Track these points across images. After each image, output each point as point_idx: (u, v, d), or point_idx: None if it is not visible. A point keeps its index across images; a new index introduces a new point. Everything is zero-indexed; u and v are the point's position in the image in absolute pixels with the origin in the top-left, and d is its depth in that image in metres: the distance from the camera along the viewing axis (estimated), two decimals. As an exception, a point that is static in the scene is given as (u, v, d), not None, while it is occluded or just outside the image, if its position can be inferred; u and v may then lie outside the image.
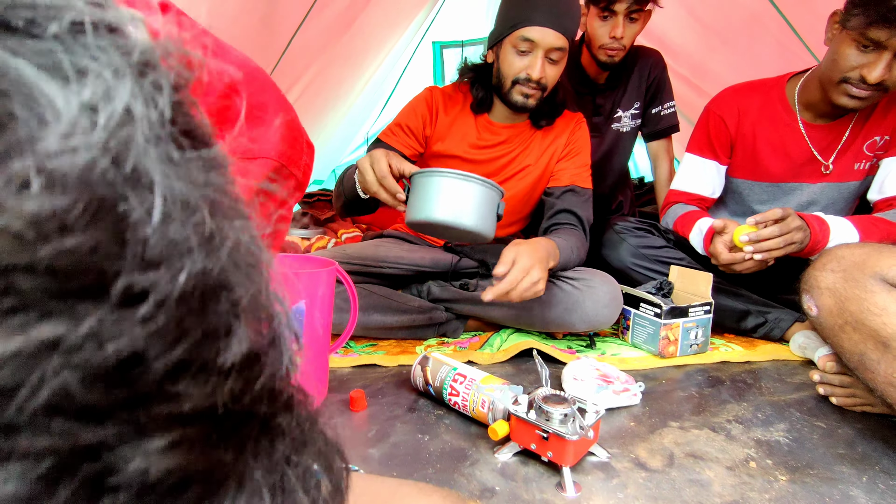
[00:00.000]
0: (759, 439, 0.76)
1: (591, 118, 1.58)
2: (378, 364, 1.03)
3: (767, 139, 1.23)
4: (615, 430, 0.79)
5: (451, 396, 0.81)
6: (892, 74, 1.00)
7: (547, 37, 1.05)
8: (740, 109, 1.24)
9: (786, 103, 1.21)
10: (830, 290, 0.82)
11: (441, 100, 1.24)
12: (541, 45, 1.06)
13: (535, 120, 1.23)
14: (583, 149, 1.26)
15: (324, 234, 1.79)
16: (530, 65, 1.08)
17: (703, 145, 1.30)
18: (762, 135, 1.23)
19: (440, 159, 1.24)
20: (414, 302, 1.17)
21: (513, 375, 0.99)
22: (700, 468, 0.69)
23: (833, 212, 1.23)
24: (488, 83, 1.20)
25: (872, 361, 0.77)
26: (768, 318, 1.16)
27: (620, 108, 1.59)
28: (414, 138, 1.23)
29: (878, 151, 1.16)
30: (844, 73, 1.04)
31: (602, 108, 1.58)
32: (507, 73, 1.11)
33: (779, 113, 1.22)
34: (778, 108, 1.22)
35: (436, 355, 0.88)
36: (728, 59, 2.02)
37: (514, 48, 1.08)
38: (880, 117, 1.14)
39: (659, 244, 1.26)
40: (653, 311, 1.08)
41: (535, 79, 1.08)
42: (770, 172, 1.24)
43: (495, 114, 1.23)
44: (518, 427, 0.69)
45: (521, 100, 1.12)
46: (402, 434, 0.76)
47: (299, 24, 2.20)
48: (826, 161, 1.18)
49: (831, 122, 1.18)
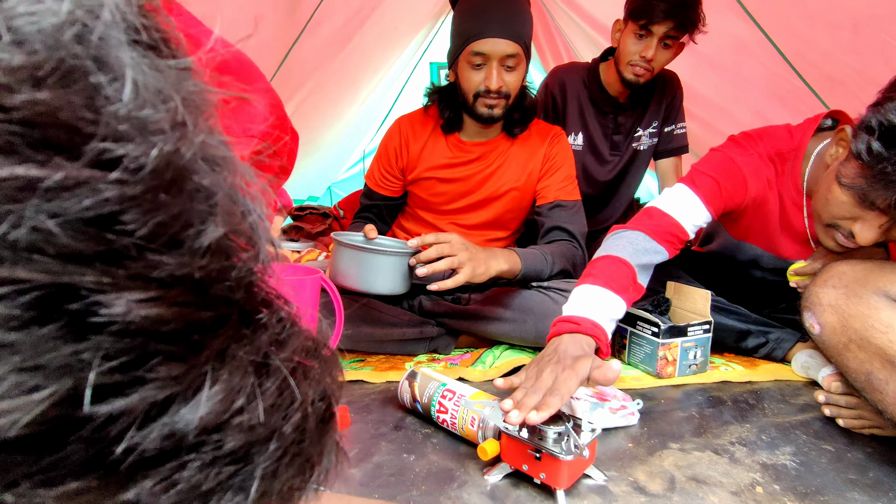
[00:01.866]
0: (765, 462, 0.72)
1: (612, 136, 1.57)
2: (365, 380, 0.99)
3: (777, 213, 1.05)
4: (612, 452, 0.74)
5: (439, 413, 0.76)
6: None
7: (498, 46, 1.06)
8: (759, 177, 1.02)
9: (797, 181, 1.01)
10: (833, 307, 0.79)
11: (409, 129, 1.25)
12: (493, 56, 1.07)
13: (509, 129, 1.23)
14: (564, 161, 1.25)
15: (314, 247, 1.76)
16: (487, 77, 1.09)
17: (707, 192, 1.01)
18: (775, 208, 1.05)
19: (418, 183, 1.25)
20: (404, 315, 1.13)
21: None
22: (703, 493, 0.64)
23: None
24: (455, 102, 1.20)
25: (880, 381, 0.73)
26: (770, 338, 1.13)
27: (641, 127, 1.57)
28: (391, 176, 1.27)
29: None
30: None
31: (623, 127, 1.56)
32: (467, 88, 1.13)
33: (791, 190, 1.02)
34: (791, 184, 1.02)
35: (424, 370, 0.84)
36: (716, 82, 2.04)
37: (469, 64, 1.10)
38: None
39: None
40: (650, 331, 1.04)
41: (493, 89, 1.09)
42: (782, 248, 1.09)
43: (466, 132, 1.23)
44: (509, 446, 0.65)
45: (486, 111, 1.13)
46: (386, 453, 0.72)
47: (294, 40, 2.22)
48: (813, 237, 1.01)
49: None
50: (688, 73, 2.12)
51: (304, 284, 0.74)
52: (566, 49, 2.96)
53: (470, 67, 1.10)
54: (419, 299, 1.20)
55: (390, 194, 1.29)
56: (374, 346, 1.11)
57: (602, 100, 1.52)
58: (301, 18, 2.18)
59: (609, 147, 1.58)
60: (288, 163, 0.48)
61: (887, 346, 0.72)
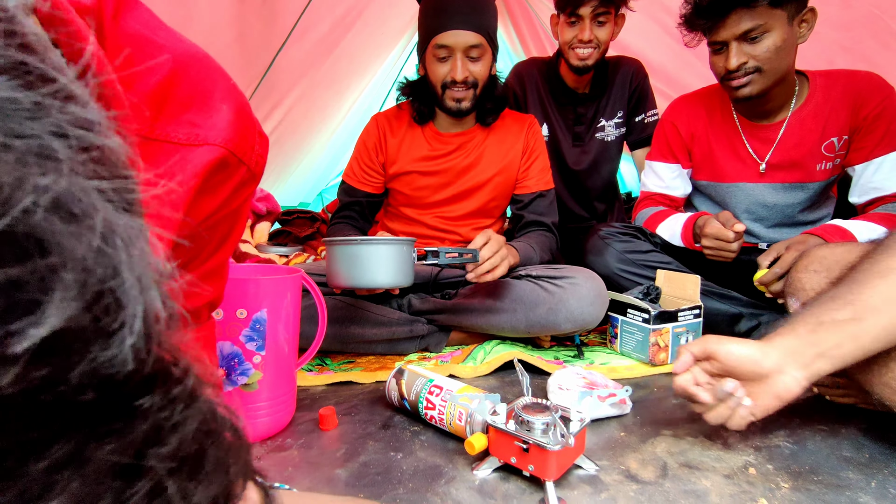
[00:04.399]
0: (758, 445, 0.71)
1: (574, 128, 1.59)
2: (354, 381, 0.97)
3: (718, 141, 1.25)
4: (604, 441, 0.73)
5: (427, 410, 0.75)
6: (743, 55, 1.06)
7: (460, 38, 1.08)
8: (689, 116, 1.29)
9: (727, 104, 1.25)
10: (816, 292, 0.78)
11: (386, 124, 1.26)
12: (457, 47, 1.09)
13: (482, 118, 1.24)
14: (541, 151, 1.29)
15: (303, 251, 1.74)
16: (452, 69, 1.11)
17: (664, 151, 1.34)
18: (714, 137, 1.26)
19: (399, 178, 1.25)
20: (394, 314, 1.11)
21: (497, 389, 0.93)
22: (696, 478, 0.63)
23: (810, 212, 1.21)
24: (427, 94, 1.21)
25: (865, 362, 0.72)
26: (762, 320, 1.12)
27: (603, 118, 1.59)
28: (372, 171, 1.26)
29: (840, 152, 1.15)
30: (720, 75, 1.12)
31: (584, 118, 1.58)
32: (434, 81, 1.15)
33: (722, 114, 1.25)
34: (722, 110, 1.25)
35: (412, 367, 0.82)
36: (702, 72, 2.04)
37: (434, 57, 1.12)
38: (835, 118, 1.12)
39: (645, 248, 1.22)
40: (641, 317, 1.03)
41: (459, 80, 1.11)
42: (725, 173, 1.26)
43: (440, 123, 1.24)
44: (497, 439, 0.64)
45: (454, 105, 1.14)
46: (373, 452, 0.70)
47: (279, 47, 2.21)
48: (762, 160, 1.20)
49: (765, 122, 1.19)
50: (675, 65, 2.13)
51: (283, 284, 0.72)
52: (549, 42, 2.97)
53: (436, 60, 1.12)
54: (408, 298, 1.19)
55: (372, 190, 1.29)
56: (363, 347, 1.10)
57: (560, 91, 1.55)
58: (286, 25, 2.17)
59: (572, 138, 1.60)
60: (257, 169, 0.46)
61: None
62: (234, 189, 0.44)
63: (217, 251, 0.42)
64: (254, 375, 0.70)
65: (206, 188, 0.39)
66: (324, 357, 1.12)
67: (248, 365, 0.69)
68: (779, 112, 1.17)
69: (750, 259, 1.16)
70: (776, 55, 1.04)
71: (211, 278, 0.43)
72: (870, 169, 1.11)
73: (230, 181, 0.44)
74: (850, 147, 1.14)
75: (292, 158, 3.10)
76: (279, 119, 2.62)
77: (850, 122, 1.11)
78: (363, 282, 0.89)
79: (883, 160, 1.09)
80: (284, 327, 0.73)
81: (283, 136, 2.74)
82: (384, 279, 0.89)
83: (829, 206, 1.25)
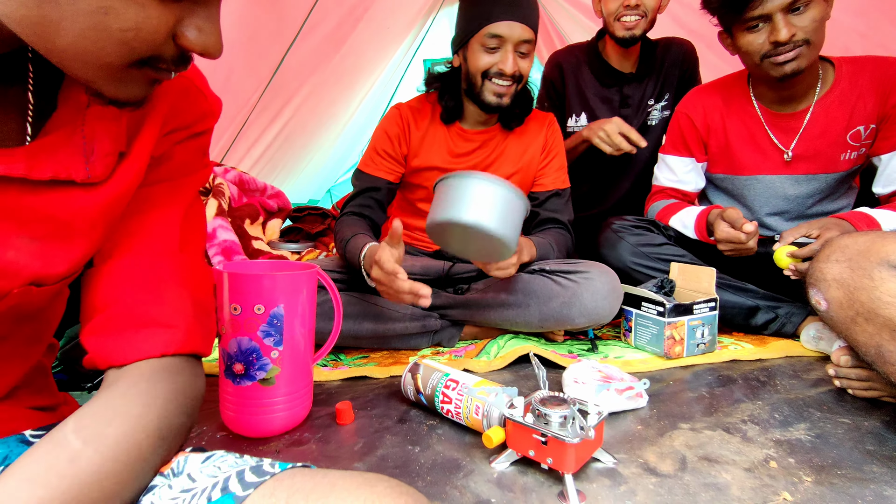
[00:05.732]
0: (779, 439, 0.70)
1: (620, 110, 1.50)
2: (369, 376, 0.98)
3: (737, 133, 1.22)
4: (621, 435, 0.73)
5: (443, 404, 0.75)
6: (792, 27, 1.01)
7: (515, 30, 1.05)
8: (705, 107, 1.25)
9: (747, 94, 1.20)
10: (838, 282, 0.77)
11: (410, 115, 1.21)
12: (510, 39, 1.06)
13: (506, 122, 1.21)
14: (560, 150, 1.27)
15: (314, 247, 1.75)
16: (502, 60, 1.07)
17: (678, 145, 1.30)
18: (732, 129, 1.22)
19: (419, 173, 1.22)
20: (406, 309, 1.12)
21: (511, 383, 0.93)
22: (716, 471, 0.63)
23: (829, 202, 1.19)
24: (457, 90, 1.18)
25: (891, 353, 0.71)
26: (779, 312, 1.11)
27: (652, 99, 1.50)
28: (393, 161, 1.21)
29: (866, 141, 1.12)
30: (762, 53, 1.05)
31: (630, 100, 1.49)
32: (475, 69, 1.10)
33: (742, 105, 1.21)
34: (741, 100, 1.21)
35: (427, 362, 0.82)
36: (713, 62, 2.01)
37: (482, 46, 1.08)
38: (862, 107, 1.10)
39: (658, 241, 1.21)
40: (655, 310, 1.02)
41: (508, 73, 1.07)
42: (744, 165, 1.23)
43: (467, 121, 1.22)
44: (514, 432, 0.64)
45: (494, 99, 1.11)
46: (390, 446, 0.70)
47: (289, 44, 2.21)
48: (787, 149, 1.17)
49: (789, 111, 1.16)
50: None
51: (298, 279, 0.72)
52: (559, 38, 2.94)
53: (482, 49, 1.08)
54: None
55: (393, 179, 1.22)
56: (377, 343, 1.10)
57: (604, 72, 1.47)
58: (295, 23, 2.18)
59: None
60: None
61: (895, 316, 0.70)
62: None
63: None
64: (272, 370, 0.71)
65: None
66: (338, 352, 1.12)
67: (266, 360, 0.70)
68: (803, 99, 1.13)
69: (767, 251, 1.15)
70: (821, 27, 1.01)
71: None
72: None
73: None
74: (878, 136, 1.11)
75: (302, 156, 3.11)
76: (289, 117, 2.63)
77: (878, 110, 1.08)
78: (476, 220, 0.82)
79: None
80: (301, 322, 0.73)
81: (293, 134, 2.75)
82: (499, 228, 0.83)
83: (851, 196, 1.22)
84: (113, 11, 0.30)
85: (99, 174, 0.39)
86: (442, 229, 0.87)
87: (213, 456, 0.41)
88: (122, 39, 0.31)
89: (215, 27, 0.35)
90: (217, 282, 0.71)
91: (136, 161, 0.43)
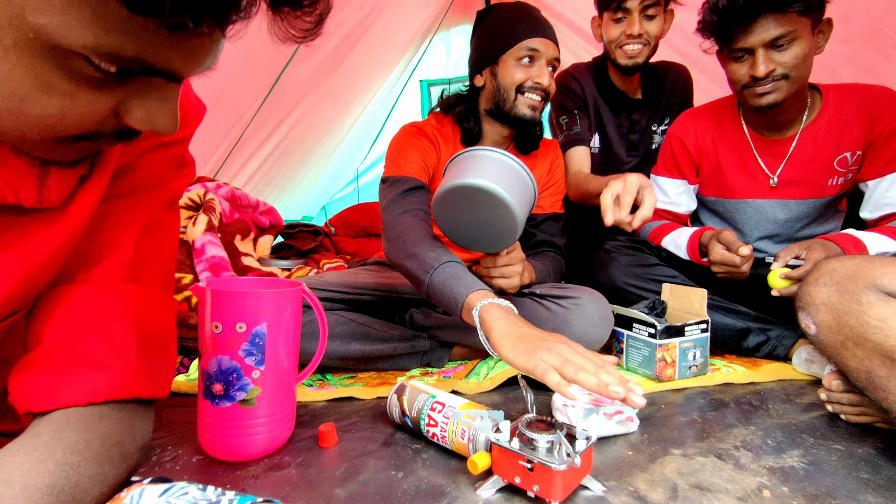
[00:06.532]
0: (772, 466, 0.69)
1: (629, 136, 1.50)
2: (355, 397, 0.95)
3: (728, 157, 1.23)
4: (611, 461, 0.71)
5: (429, 427, 0.73)
6: (771, 63, 1.03)
7: (549, 47, 1.10)
8: (697, 131, 1.27)
9: (737, 119, 1.23)
10: (826, 306, 0.76)
11: (436, 134, 1.18)
12: (544, 54, 1.10)
13: (523, 144, 1.22)
14: (561, 177, 1.29)
15: (305, 264, 1.73)
16: (538, 73, 1.10)
17: (670, 167, 1.31)
18: (723, 153, 1.24)
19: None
20: (395, 330, 1.10)
21: (500, 405, 0.92)
22: (708, 500, 0.61)
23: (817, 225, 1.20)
24: (476, 112, 1.19)
25: (881, 378, 0.70)
26: (770, 335, 1.10)
27: (656, 124, 1.51)
28: (427, 167, 1.12)
29: (853, 167, 1.13)
30: (742, 83, 1.08)
31: (638, 125, 1.50)
32: (509, 84, 1.11)
33: (732, 129, 1.23)
34: (732, 124, 1.23)
35: (413, 383, 0.80)
36: (704, 85, 2.05)
37: (517, 61, 1.10)
38: (849, 134, 1.11)
39: (650, 262, 1.21)
40: (647, 332, 1.01)
41: (545, 85, 1.11)
42: (734, 189, 1.24)
43: (485, 143, 1.22)
44: (500, 458, 0.62)
45: (529, 112, 1.12)
46: (373, 471, 0.68)
47: (287, 62, 2.23)
48: (773, 174, 1.19)
49: (777, 136, 1.17)
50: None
51: (285, 297, 0.71)
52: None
53: (517, 65, 1.10)
54: (410, 312, 1.18)
55: (423, 179, 1.10)
56: (365, 364, 1.08)
57: (614, 97, 1.47)
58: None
59: (626, 147, 1.51)
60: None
61: (884, 341, 0.69)
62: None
63: None
64: (252, 391, 0.68)
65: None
66: (325, 372, 1.10)
67: (247, 380, 0.68)
68: (791, 126, 1.15)
69: (757, 273, 1.15)
70: (803, 63, 1.03)
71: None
72: (883, 184, 1.09)
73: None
74: (864, 162, 1.12)
75: (297, 173, 3.12)
76: (284, 133, 2.64)
77: (865, 138, 1.10)
78: (494, 186, 0.82)
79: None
80: (284, 342, 0.71)
81: (287, 150, 2.76)
82: (514, 200, 0.84)
83: (838, 219, 1.23)
84: (30, 99, 0.27)
85: (54, 199, 0.35)
86: (452, 200, 0.86)
87: (173, 488, 0.38)
88: (44, 124, 0.28)
89: (169, 107, 0.32)
90: (199, 298, 0.69)
91: (99, 183, 0.39)
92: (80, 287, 0.41)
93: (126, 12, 0.26)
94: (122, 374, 0.41)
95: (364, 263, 1.36)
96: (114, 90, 0.30)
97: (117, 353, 0.41)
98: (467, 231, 0.93)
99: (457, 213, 0.89)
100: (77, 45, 0.26)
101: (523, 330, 0.70)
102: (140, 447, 0.43)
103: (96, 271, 0.42)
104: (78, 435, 0.37)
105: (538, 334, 0.69)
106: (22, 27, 0.25)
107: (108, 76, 0.28)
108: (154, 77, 0.30)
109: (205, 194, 1.68)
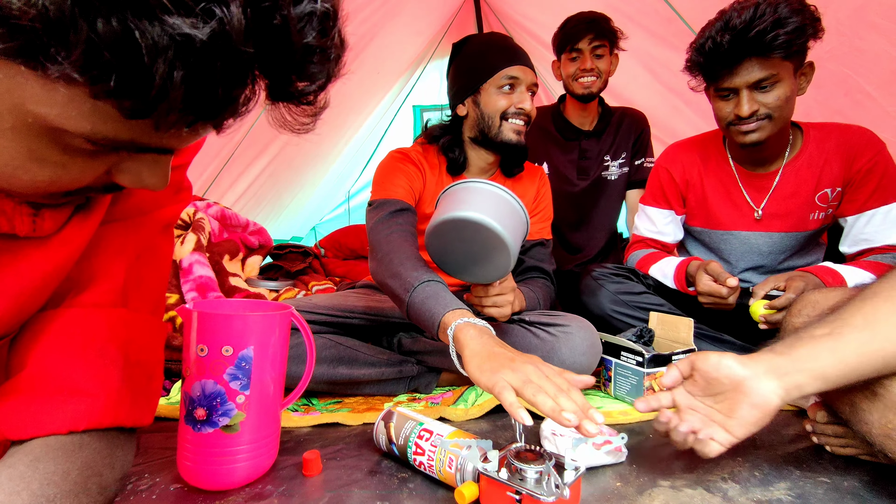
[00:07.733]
0: (759, 499, 0.68)
1: (579, 161, 1.70)
2: (341, 423, 0.94)
3: (714, 189, 1.28)
4: (599, 492, 0.70)
5: (415, 456, 0.72)
6: (755, 103, 1.07)
7: (528, 74, 1.15)
8: (684, 163, 1.32)
9: (723, 152, 1.28)
10: None
11: (422, 160, 1.20)
12: (524, 80, 1.14)
13: (508, 168, 1.24)
14: (549, 202, 1.32)
15: (293, 286, 1.72)
16: (520, 99, 1.14)
17: (658, 197, 1.36)
18: (709, 185, 1.28)
19: (426, 220, 1.21)
20: (383, 355, 1.09)
21: (489, 433, 0.90)
22: (696, 534, 0.60)
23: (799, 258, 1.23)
24: (461, 141, 1.22)
25: (864, 412, 0.71)
26: (755, 365, 1.11)
27: (609, 156, 1.71)
28: (413, 191, 1.14)
29: (833, 202, 1.18)
30: (727, 120, 1.12)
31: (588, 153, 1.69)
32: (492, 111, 1.15)
33: (718, 162, 1.28)
34: (718, 157, 1.28)
35: (401, 410, 0.79)
36: (691, 119, 2.12)
37: (498, 89, 1.14)
38: (829, 170, 1.16)
39: (638, 290, 1.22)
40: (635, 360, 1.02)
41: (527, 110, 1.14)
42: (720, 220, 1.28)
43: (471, 170, 1.25)
44: (488, 489, 0.61)
45: (515, 137, 1.16)
46: (358, 501, 0.66)
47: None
48: (758, 207, 1.22)
49: (761, 171, 1.22)
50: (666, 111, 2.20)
51: (273, 321, 0.70)
52: (545, 92, 3.07)
53: (499, 93, 1.14)
54: (398, 336, 1.17)
55: (410, 202, 1.12)
56: (352, 388, 1.07)
57: (565, 129, 1.69)
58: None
59: (576, 171, 1.71)
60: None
61: None
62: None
63: None
64: (236, 416, 0.67)
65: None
66: (311, 397, 1.08)
67: (231, 405, 0.67)
68: (774, 161, 1.20)
69: (743, 302, 1.17)
70: (786, 104, 1.07)
71: None
72: (861, 221, 1.13)
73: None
74: (843, 199, 1.16)
75: (286, 193, 3.12)
76: (274, 153, 2.65)
77: (844, 175, 1.14)
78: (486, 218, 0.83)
79: (874, 213, 1.12)
80: (272, 366, 0.70)
81: (277, 171, 2.77)
82: (507, 232, 0.85)
83: (819, 252, 1.26)
84: (22, 169, 0.28)
85: (48, 229, 0.35)
86: (444, 233, 0.87)
87: None
88: (34, 187, 0.29)
89: (161, 169, 0.32)
90: (185, 320, 0.68)
91: (95, 213, 0.39)
92: (68, 311, 0.40)
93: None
94: (105, 402, 0.40)
95: (353, 286, 1.35)
96: (106, 157, 0.30)
97: (101, 380, 0.40)
98: (460, 262, 0.94)
99: (450, 245, 0.90)
100: (74, 131, 0.27)
101: (494, 349, 0.70)
102: (119, 477, 0.42)
103: (85, 295, 0.41)
104: (56, 465, 0.36)
105: (508, 354, 0.69)
106: (21, 114, 0.26)
107: (102, 149, 0.29)
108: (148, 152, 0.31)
109: (194, 213, 1.67)
